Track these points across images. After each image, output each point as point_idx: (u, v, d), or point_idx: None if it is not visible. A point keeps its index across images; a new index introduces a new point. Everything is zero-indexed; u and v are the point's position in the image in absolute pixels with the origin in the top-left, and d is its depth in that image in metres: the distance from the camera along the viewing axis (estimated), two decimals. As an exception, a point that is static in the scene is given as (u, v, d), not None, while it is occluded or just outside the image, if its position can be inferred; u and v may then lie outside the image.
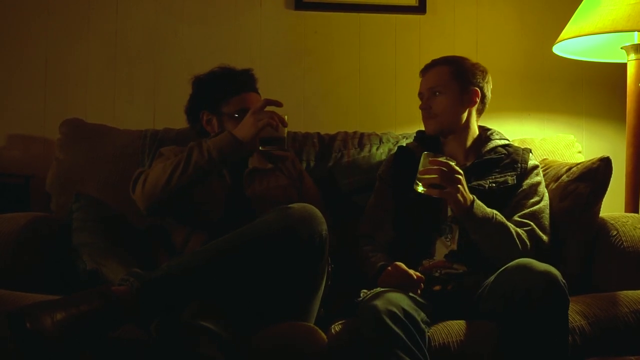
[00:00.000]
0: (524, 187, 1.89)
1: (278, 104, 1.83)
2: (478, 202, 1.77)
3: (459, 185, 1.73)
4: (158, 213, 1.90)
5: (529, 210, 1.85)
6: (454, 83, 1.96)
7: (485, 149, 1.96)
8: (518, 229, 1.79)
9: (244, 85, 2.05)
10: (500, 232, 1.77)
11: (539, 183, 1.91)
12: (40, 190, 2.31)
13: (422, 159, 1.75)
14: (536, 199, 1.88)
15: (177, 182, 1.78)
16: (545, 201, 1.89)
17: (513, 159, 1.94)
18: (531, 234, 1.80)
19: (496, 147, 1.97)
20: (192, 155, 1.79)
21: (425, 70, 2.02)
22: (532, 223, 1.82)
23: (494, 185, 1.89)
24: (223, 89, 2.03)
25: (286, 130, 1.82)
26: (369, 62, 2.66)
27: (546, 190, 1.92)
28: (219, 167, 1.82)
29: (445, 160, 1.73)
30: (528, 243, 1.78)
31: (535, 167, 1.95)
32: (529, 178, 1.91)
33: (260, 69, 2.15)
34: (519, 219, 1.83)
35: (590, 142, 2.72)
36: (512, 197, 1.89)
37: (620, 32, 2.20)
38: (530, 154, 1.99)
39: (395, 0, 2.66)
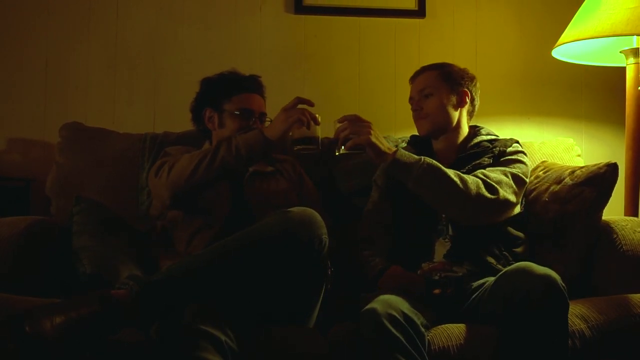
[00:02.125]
0: (499, 161, 1.91)
1: (310, 103, 1.82)
2: (402, 151, 1.80)
3: (369, 130, 1.76)
4: (179, 204, 1.89)
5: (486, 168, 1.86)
6: (443, 85, 1.99)
7: (470, 144, 1.99)
8: (457, 172, 1.79)
9: (248, 86, 2.07)
10: (433, 172, 1.77)
11: (517, 160, 1.91)
12: (40, 194, 2.31)
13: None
14: (502, 167, 1.87)
15: (201, 175, 1.79)
16: (513, 170, 1.87)
17: (494, 146, 1.96)
18: (477, 176, 1.80)
19: (481, 141, 1.99)
20: (220, 149, 1.81)
21: (414, 77, 2.06)
22: (480, 173, 1.82)
23: (471, 167, 1.90)
24: (227, 87, 2.06)
25: (319, 129, 1.80)
26: (368, 66, 2.67)
27: (526, 168, 1.91)
28: (245, 164, 1.84)
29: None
30: (469, 180, 1.77)
31: (518, 152, 1.95)
32: (506, 156, 1.92)
33: (260, 72, 2.16)
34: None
35: (589, 145, 2.72)
36: None
37: (619, 36, 2.20)
38: (516, 143, 1.99)
39: (394, 5, 2.66)
